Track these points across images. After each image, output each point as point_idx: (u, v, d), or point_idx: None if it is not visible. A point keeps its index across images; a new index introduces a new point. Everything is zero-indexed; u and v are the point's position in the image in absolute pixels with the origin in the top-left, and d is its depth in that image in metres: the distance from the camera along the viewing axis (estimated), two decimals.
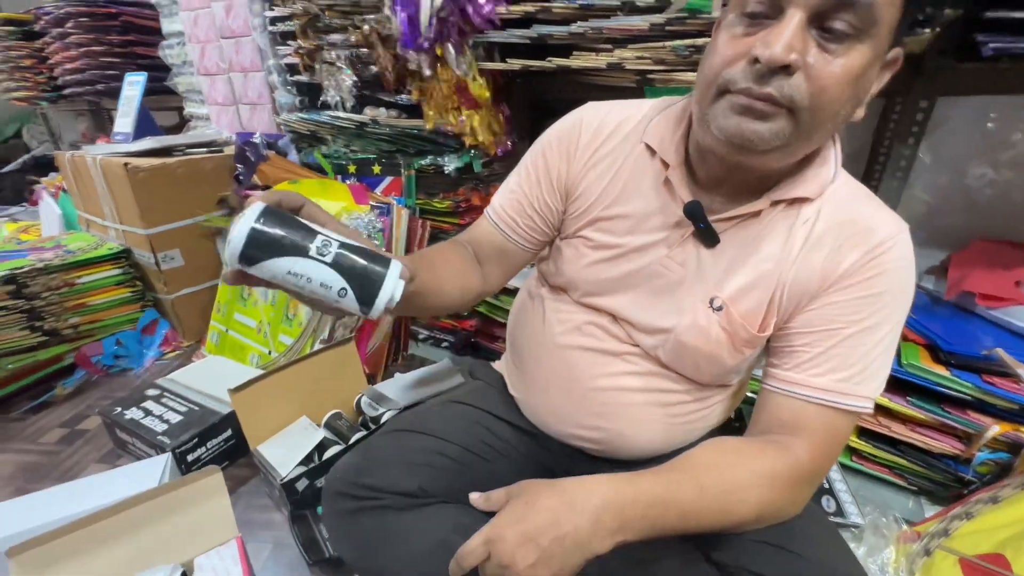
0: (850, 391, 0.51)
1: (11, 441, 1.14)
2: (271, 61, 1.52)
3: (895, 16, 0.42)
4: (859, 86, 0.44)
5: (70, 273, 1.37)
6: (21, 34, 2.41)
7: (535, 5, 0.94)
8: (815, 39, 0.42)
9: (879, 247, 0.50)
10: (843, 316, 0.51)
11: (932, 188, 1.20)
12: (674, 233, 0.58)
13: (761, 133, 0.45)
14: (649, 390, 0.63)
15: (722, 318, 0.56)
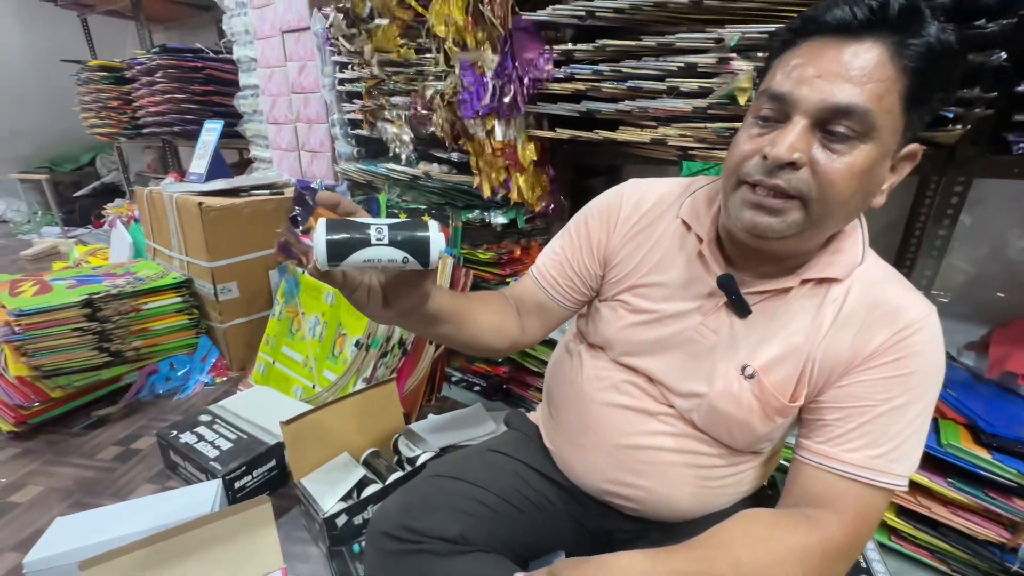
0: (883, 468, 0.53)
1: (72, 455, 1.22)
2: (335, 115, 1.67)
3: (897, 121, 0.47)
4: (867, 180, 0.49)
5: (138, 299, 1.48)
6: (113, 79, 2.69)
7: (586, 84, 1.03)
8: (820, 140, 0.48)
9: (908, 328, 0.53)
10: (875, 394, 0.54)
11: (973, 260, 1.21)
12: (708, 302, 0.62)
13: (773, 226, 0.51)
14: (683, 451, 0.65)
15: (754, 386, 0.59)
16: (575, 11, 0.99)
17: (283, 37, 1.74)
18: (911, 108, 0.47)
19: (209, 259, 1.52)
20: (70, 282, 1.50)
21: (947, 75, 0.48)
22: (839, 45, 0.47)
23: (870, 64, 0.45)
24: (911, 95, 0.46)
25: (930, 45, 0.45)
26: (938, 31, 0.45)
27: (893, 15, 0.45)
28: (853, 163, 0.47)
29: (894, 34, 0.45)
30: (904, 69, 0.45)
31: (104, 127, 2.89)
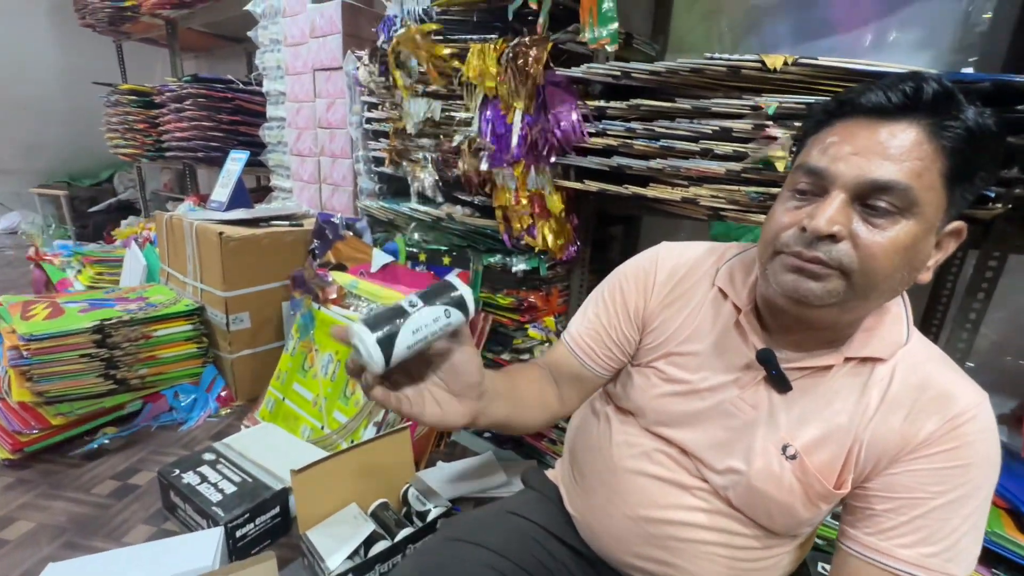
0: (939, 568, 0.49)
1: (67, 488, 1.17)
2: (360, 152, 1.69)
3: (940, 198, 0.47)
4: (911, 255, 0.48)
5: (149, 326, 1.46)
6: (142, 103, 2.76)
7: (618, 140, 1.04)
8: (860, 214, 0.47)
9: (961, 416, 0.50)
10: (928, 486, 0.51)
11: (996, 327, 1.19)
12: (746, 375, 0.59)
13: (815, 291, 0.49)
14: (717, 529, 0.62)
15: (796, 467, 0.56)
16: (610, 71, 1.01)
17: (314, 75, 1.79)
18: (953, 186, 0.47)
19: (225, 288, 1.51)
20: (83, 305, 1.48)
21: (988, 156, 0.48)
22: (875, 125, 0.47)
23: (907, 143, 0.46)
24: (952, 174, 0.46)
25: (968, 128, 0.45)
26: (976, 114, 0.45)
27: (928, 100, 0.45)
28: (896, 238, 0.46)
29: (930, 117, 0.45)
30: (943, 149, 0.45)
31: (128, 147, 2.94)
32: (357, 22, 1.67)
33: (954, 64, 1.14)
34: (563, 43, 1.13)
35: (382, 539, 0.94)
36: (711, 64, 0.88)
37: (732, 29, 1.40)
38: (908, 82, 0.46)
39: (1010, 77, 0.70)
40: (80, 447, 1.31)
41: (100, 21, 2.90)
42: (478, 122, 1.24)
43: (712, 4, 1.42)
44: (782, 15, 1.33)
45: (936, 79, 0.46)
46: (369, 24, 1.67)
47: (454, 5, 1.26)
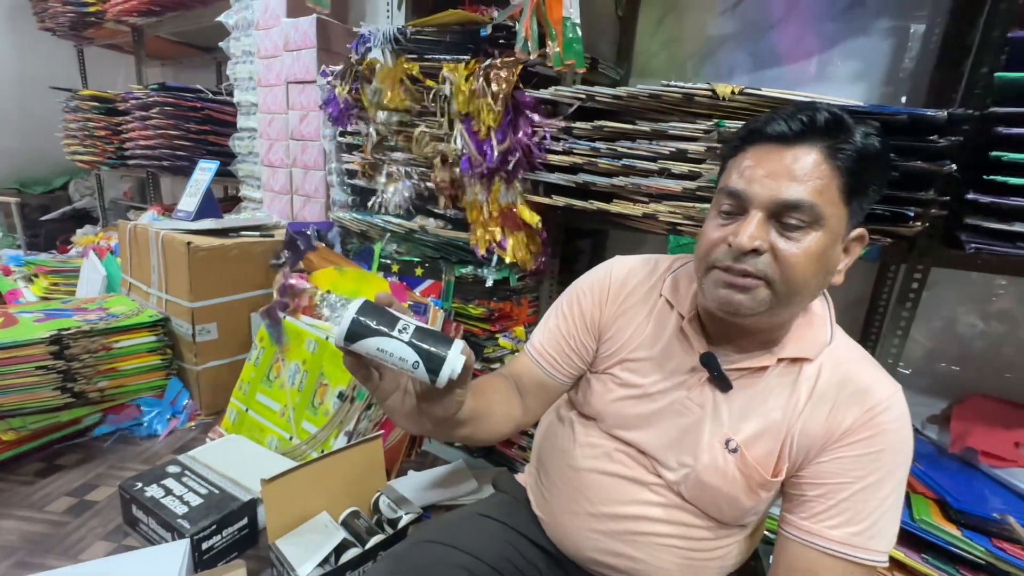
0: (863, 545, 0.55)
1: (17, 507, 1.12)
2: (333, 164, 1.70)
3: (840, 210, 0.55)
4: (823, 261, 0.55)
5: (110, 337, 1.42)
6: (103, 109, 2.68)
7: (583, 158, 1.11)
8: (776, 228, 0.55)
9: (876, 407, 0.57)
10: (850, 471, 0.57)
11: (930, 335, 1.30)
12: (691, 377, 0.65)
13: (745, 302, 0.56)
14: (673, 523, 0.66)
15: (738, 459, 0.61)
16: (576, 94, 1.08)
17: (287, 87, 1.80)
18: (851, 199, 0.55)
19: (191, 299, 1.48)
20: (37, 315, 1.43)
21: (877, 171, 0.55)
22: (781, 150, 0.55)
23: (809, 165, 0.53)
24: (848, 188, 0.54)
25: (857, 149, 0.53)
26: (863, 136, 0.54)
27: (821, 126, 0.53)
28: (808, 248, 0.54)
29: (825, 140, 0.53)
30: (838, 168, 0.53)
31: (87, 154, 2.84)
32: (331, 37, 1.70)
33: (886, 96, 1.26)
34: (532, 66, 1.20)
35: (353, 547, 0.94)
36: (667, 91, 0.96)
37: (691, 57, 1.50)
38: (805, 112, 0.54)
39: (923, 111, 0.80)
40: (34, 465, 1.26)
41: (61, 25, 2.82)
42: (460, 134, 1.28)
43: (672, 33, 1.52)
44: (735, 46, 1.44)
45: (827, 108, 0.54)
46: (343, 39, 1.70)
47: (428, 26, 1.30)
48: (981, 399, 1.20)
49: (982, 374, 1.24)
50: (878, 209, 0.85)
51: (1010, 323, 1.20)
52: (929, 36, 1.16)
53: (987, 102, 0.83)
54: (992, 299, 1.22)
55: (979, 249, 0.84)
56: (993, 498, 0.93)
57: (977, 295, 1.23)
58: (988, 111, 0.80)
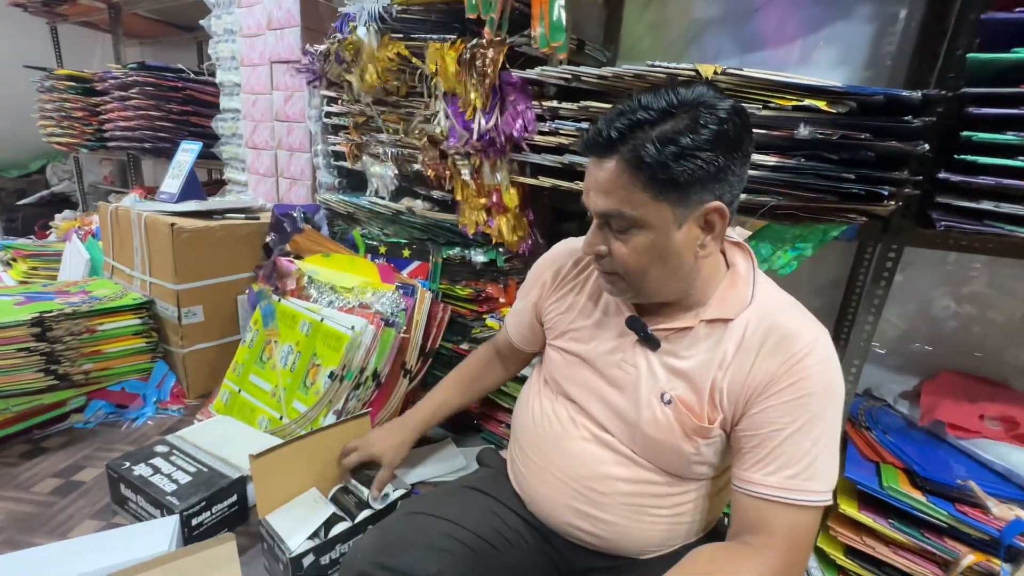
0: (800, 487, 0.59)
1: (3, 488, 1.12)
2: (319, 146, 1.69)
3: (657, 206, 0.59)
4: (659, 251, 0.61)
5: (93, 320, 1.41)
6: (80, 90, 2.61)
7: (569, 139, 1.11)
8: (611, 233, 0.63)
9: (799, 353, 0.61)
10: (779, 418, 0.61)
11: (904, 316, 1.35)
12: (624, 341, 0.72)
13: (614, 291, 0.69)
14: (633, 480, 0.70)
15: (672, 410, 0.66)
16: (562, 74, 1.08)
17: (271, 67, 1.77)
18: (665, 193, 0.58)
19: (176, 281, 1.47)
20: (18, 299, 1.41)
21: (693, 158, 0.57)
22: (595, 163, 0.62)
23: (611, 177, 0.60)
24: (658, 188, 0.58)
25: (652, 152, 0.56)
26: (659, 136, 0.56)
27: (615, 138, 0.58)
28: (635, 245, 0.62)
29: (622, 150, 0.58)
30: (640, 171, 0.58)
31: (64, 136, 2.77)
32: (316, 15, 1.67)
33: (867, 80, 1.28)
34: (519, 46, 1.19)
35: (342, 521, 0.96)
36: (652, 71, 0.96)
37: (677, 40, 1.51)
38: (600, 128, 0.60)
39: (898, 92, 0.82)
40: (17, 447, 1.25)
41: (33, 2, 2.72)
42: (444, 112, 1.27)
43: (659, 16, 1.52)
44: (720, 29, 1.44)
45: (618, 125, 0.58)
46: (328, 18, 1.67)
47: (413, 5, 1.29)
48: (950, 375, 1.24)
49: (954, 353, 1.29)
50: (854, 188, 0.87)
51: (982, 305, 1.24)
52: (909, 20, 1.18)
53: (960, 83, 0.85)
54: (965, 281, 1.26)
55: (949, 227, 0.86)
56: (958, 467, 0.98)
57: (950, 277, 1.27)
58: (960, 91, 0.82)
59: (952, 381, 1.21)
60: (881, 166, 0.87)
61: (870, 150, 0.86)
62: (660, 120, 0.57)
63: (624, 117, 0.58)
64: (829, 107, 0.85)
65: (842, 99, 0.85)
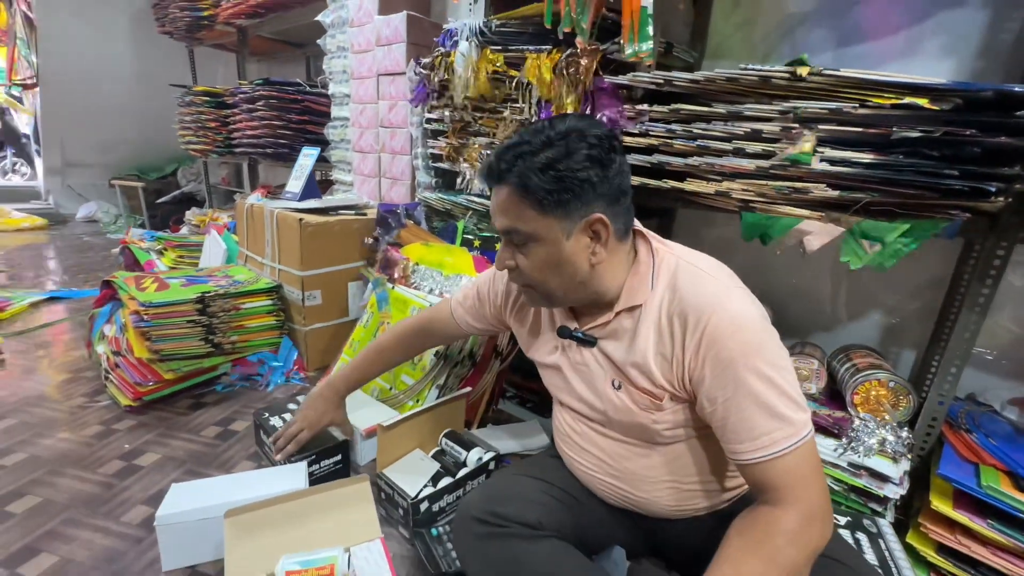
0: (767, 443, 0.62)
1: (180, 431, 1.39)
2: (419, 149, 1.87)
3: (546, 222, 0.70)
4: (555, 261, 0.72)
5: (238, 299, 1.68)
6: (214, 103, 3.03)
7: (659, 140, 1.18)
8: (515, 249, 0.74)
9: (699, 322, 0.66)
10: (719, 392, 0.66)
11: (1018, 320, 1.27)
12: (567, 345, 0.84)
13: (532, 301, 0.82)
14: (631, 456, 0.81)
15: (624, 393, 0.77)
16: (654, 79, 1.15)
17: (378, 79, 1.98)
18: (551, 211, 0.69)
19: (302, 268, 1.71)
20: (182, 280, 1.72)
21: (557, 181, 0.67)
22: (494, 191, 0.73)
23: (504, 200, 0.71)
24: (540, 207, 0.69)
25: (526, 180, 0.68)
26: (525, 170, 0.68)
27: (496, 173, 0.71)
28: (535, 257, 0.73)
29: (504, 176, 0.70)
30: (523, 192, 0.69)
31: (199, 144, 3.23)
32: (421, 31, 1.85)
33: (978, 71, 1.23)
34: (611, 53, 1.28)
35: (446, 476, 1.10)
36: (745, 74, 1.01)
37: (767, 37, 1.51)
38: (491, 162, 0.72)
39: (1010, 87, 0.81)
40: (185, 400, 1.54)
41: (178, 29, 3.19)
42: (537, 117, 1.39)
43: (749, 13, 1.53)
44: (816, 23, 1.43)
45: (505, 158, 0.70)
46: (430, 33, 1.84)
47: (511, 19, 1.41)
48: None
49: None
50: (956, 184, 0.87)
51: None
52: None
53: None
54: None
55: None
56: None
57: None
58: None
59: None
60: (989, 162, 0.87)
61: (977, 146, 0.86)
62: (540, 150, 0.68)
63: (509, 152, 0.70)
64: (932, 104, 0.86)
65: (946, 96, 0.85)
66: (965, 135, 0.85)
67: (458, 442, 1.19)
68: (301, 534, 0.89)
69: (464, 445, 1.18)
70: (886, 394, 1.17)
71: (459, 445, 1.18)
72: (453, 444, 1.18)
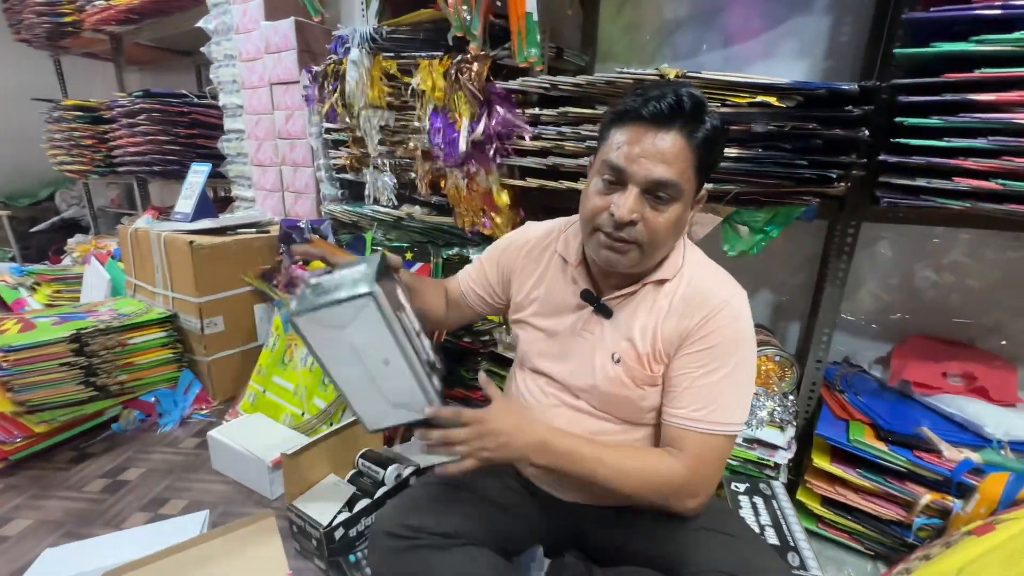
0: (707, 418, 0.71)
1: (58, 489, 1.24)
2: (321, 160, 1.80)
3: (693, 184, 0.68)
4: (679, 224, 0.70)
5: (124, 334, 1.53)
6: (88, 119, 2.73)
7: (552, 143, 1.21)
8: (648, 201, 0.67)
9: (712, 310, 0.72)
10: (690, 364, 0.73)
11: (886, 288, 1.44)
12: (583, 312, 0.80)
13: (622, 261, 0.71)
14: (597, 432, 0.81)
15: (622, 367, 0.76)
16: (542, 83, 1.18)
17: (271, 88, 1.88)
18: (700, 173, 0.68)
19: (197, 295, 1.58)
20: (53, 319, 1.53)
21: (720, 148, 0.70)
22: (653, 131, 0.65)
23: (676, 149, 0.65)
24: (700, 165, 0.67)
25: (707, 131, 0.65)
26: (711, 120, 0.65)
27: (687, 110, 0.64)
28: (670, 216, 0.68)
29: (687, 124, 0.65)
30: (695, 148, 0.65)
31: (75, 164, 2.89)
32: (310, 38, 1.77)
33: (827, 70, 1.37)
34: (501, 59, 1.29)
35: (363, 498, 1.07)
36: (621, 77, 1.06)
37: (651, 41, 1.60)
38: (673, 95, 0.64)
39: (838, 85, 0.91)
40: (65, 454, 1.37)
41: (37, 37, 2.84)
42: (428, 130, 1.38)
43: (633, 18, 1.61)
44: (690, 29, 1.53)
45: (689, 93, 0.64)
46: (322, 39, 1.77)
47: (402, 25, 1.39)
48: (919, 338, 1.34)
49: (927, 319, 1.37)
50: (806, 173, 0.97)
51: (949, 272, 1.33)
52: (864, 13, 1.27)
53: (895, 74, 0.95)
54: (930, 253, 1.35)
55: (892, 203, 0.96)
56: (924, 420, 1.07)
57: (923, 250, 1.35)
58: (892, 82, 0.92)
59: (921, 344, 1.31)
60: (830, 152, 0.97)
61: (818, 138, 0.96)
62: (705, 106, 0.66)
63: (688, 97, 0.64)
64: (779, 102, 0.95)
65: (789, 94, 0.95)
66: (808, 128, 0.95)
67: (375, 461, 1.15)
68: None
69: (382, 463, 1.14)
70: (774, 367, 1.28)
71: (376, 464, 1.14)
72: (370, 464, 1.15)
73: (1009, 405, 1.08)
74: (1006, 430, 0.99)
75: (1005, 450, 0.96)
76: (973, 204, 0.86)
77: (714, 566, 0.67)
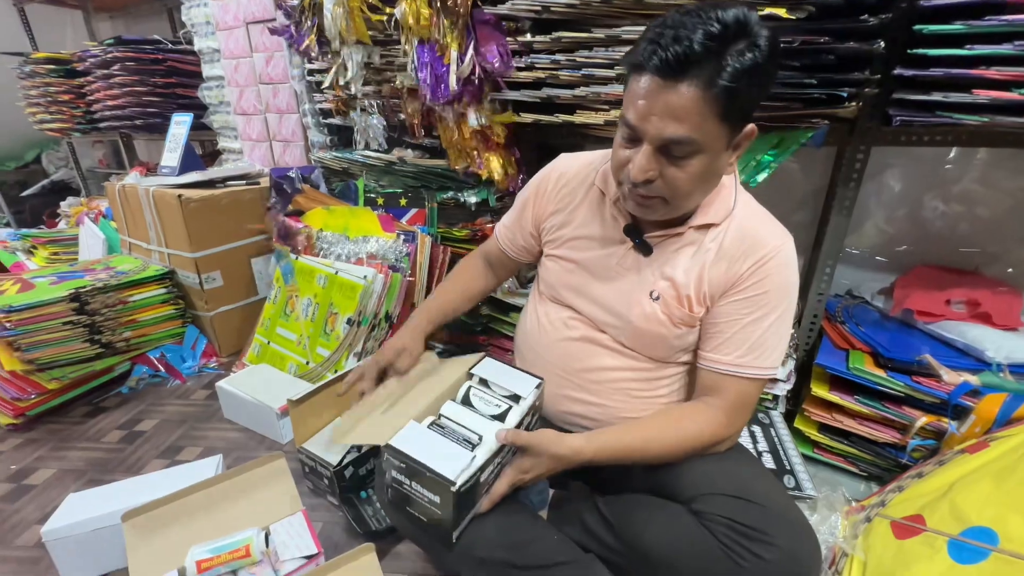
0: (750, 364, 0.72)
1: (77, 441, 1.28)
2: (306, 105, 1.72)
3: (718, 132, 0.60)
4: (708, 175, 0.65)
5: (123, 292, 1.52)
6: (62, 72, 2.60)
7: (546, 72, 1.14)
8: (666, 157, 0.62)
9: (764, 257, 0.71)
10: (740, 311, 0.72)
11: (891, 220, 1.40)
12: (621, 247, 0.79)
13: (647, 214, 0.71)
14: (621, 368, 0.82)
15: (660, 305, 0.75)
16: (532, 5, 1.10)
17: (247, 28, 1.77)
18: (727, 119, 0.59)
19: (192, 250, 1.57)
20: (51, 279, 1.52)
21: (759, 79, 0.58)
22: (666, 86, 0.57)
23: (688, 103, 0.57)
24: (724, 112, 0.58)
25: (734, 72, 0.55)
26: (738, 55, 0.55)
27: (697, 57, 0.55)
28: (692, 170, 0.63)
29: (703, 71, 0.56)
30: (716, 95, 0.57)
31: (55, 122, 2.79)
32: None
33: None
34: None
35: None
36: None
37: None
38: (682, 42, 0.55)
39: None
40: (81, 409, 1.41)
41: None
42: (415, 66, 1.30)
43: None
44: None
45: (702, 38, 0.54)
46: None
47: None
48: (924, 268, 1.32)
49: (931, 249, 1.35)
50: (815, 93, 0.91)
51: (957, 202, 1.29)
52: None
53: None
54: (940, 182, 1.30)
55: (906, 122, 0.91)
56: (924, 347, 1.08)
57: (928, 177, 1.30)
58: None
59: (925, 273, 1.29)
60: (843, 68, 0.91)
61: (830, 53, 0.90)
62: (734, 37, 0.55)
63: (699, 42, 0.54)
64: (789, 14, 0.88)
65: (800, 4, 0.87)
66: (820, 43, 0.88)
67: None
68: (212, 524, 0.85)
69: None
70: None
71: None
72: None
73: (1011, 329, 1.07)
74: (1007, 353, 0.99)
75: (1004, 373, 0.96)
76: (991, 118, 0.81)
77: (713, 489, 0.69)
